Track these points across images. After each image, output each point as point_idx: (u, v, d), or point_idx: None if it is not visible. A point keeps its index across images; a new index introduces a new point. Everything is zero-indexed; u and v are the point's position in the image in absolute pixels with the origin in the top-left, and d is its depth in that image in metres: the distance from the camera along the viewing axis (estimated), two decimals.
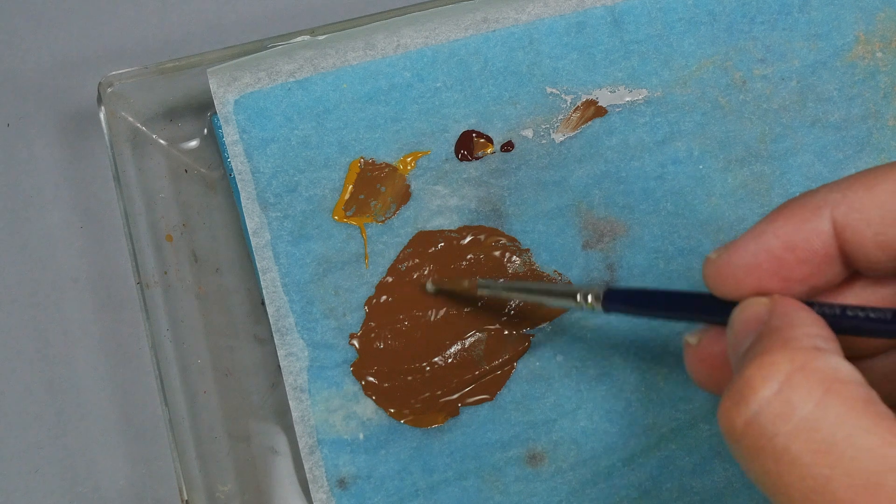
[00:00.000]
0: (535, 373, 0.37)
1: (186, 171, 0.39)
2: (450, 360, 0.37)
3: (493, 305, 0.37)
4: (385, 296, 0.37)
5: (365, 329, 0.37)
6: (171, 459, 0.37)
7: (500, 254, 0.37)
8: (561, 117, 0.38)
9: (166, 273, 0.38)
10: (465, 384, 0.37)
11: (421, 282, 0.37)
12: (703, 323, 0.26)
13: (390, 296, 0.37)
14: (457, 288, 0.36)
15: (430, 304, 0.37)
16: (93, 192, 0.41)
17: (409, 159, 0.37)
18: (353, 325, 0.37)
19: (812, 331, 0.21)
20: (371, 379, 0.36)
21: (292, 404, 0.36)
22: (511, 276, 0.37)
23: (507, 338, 0.37)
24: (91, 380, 0.40)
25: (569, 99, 0.38)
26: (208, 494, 0.36)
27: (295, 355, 0.36)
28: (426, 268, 0.37)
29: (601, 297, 0.30)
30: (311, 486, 0.36)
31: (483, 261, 0.37)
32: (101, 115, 0.37)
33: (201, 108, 0.39)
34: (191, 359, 0.37)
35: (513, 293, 0.36)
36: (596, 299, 0.30)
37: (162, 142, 0.39)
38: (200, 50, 0.40)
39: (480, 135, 0.38)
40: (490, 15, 0.38)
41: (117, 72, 0.37)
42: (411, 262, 0.37)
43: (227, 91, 0.37)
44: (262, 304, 0.37)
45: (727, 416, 0.21)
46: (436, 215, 0.37)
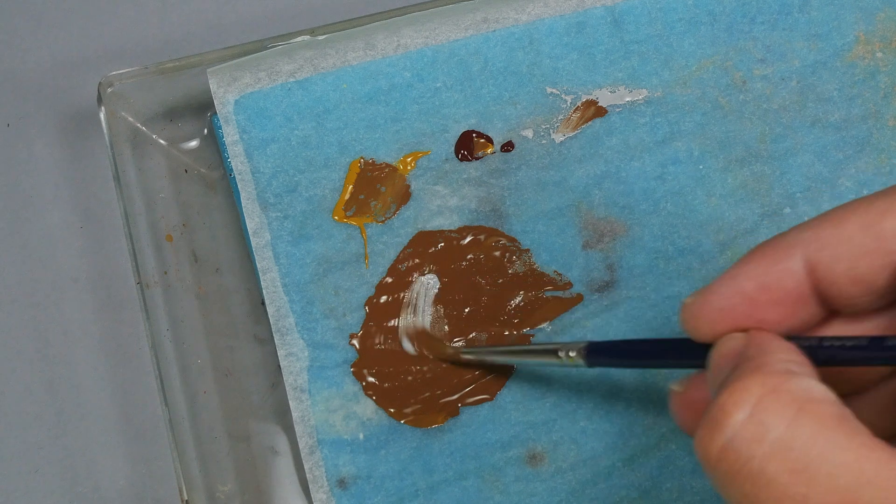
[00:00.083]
0: (535, 373, 0.37)
1: (186, 171, 0.39)
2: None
3: (492, 306, 0.37)
4: (385, 296, 0.37)
5: (365, 329, 0.37)
6: (171, 459, 0.37)
7: (500, 254, 0.37)
8: (561, 117, 0.38)
9: (166, 273, 0.38)
10: (465, 384, 0.36)
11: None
12: (685, 368, 0.27)
13: (390, 296, 0.37)
14: (440, 354, 0.36)
15: None
16: (93, 192, 0.41)
17: (409, 159, 0.37)
18: (353, 325, 0.37)
19: (785, 356, 0.21)
20: (371, 379, 0.36)
21: (292, 404, 0.36)
22: (511, 276, 0.37)
23: (507, 338, 0.37)
24: (91, 380, 0.40)
25: (569, 99, 0.38)
26: (208, 494, 0.36)
27: (295, 355, 0.36)
28: (426, 268, 0.37)
29: (584, 352, 0.30)
30: (311, 486, 0.36)
31: (483, 261, 0.37)
32: (101, 115, 0.37)
33: (201, 108, 0.39)
34: (191, 359, 0.37)
35: (496, 356, 0.36)
36: (579, 355, 0.30)
37: (162, 142, 0.39)
38: (200, 50, 0.40)
39: (480, 135, 0.38)
40: (490, 15, 0.38)
41: (117, 72, 0.37)
42: (411, 262, 0.37)
43: (227, 91, 0.37)
44: (262, 304, 0.37)
45: (703, 444, 0.20)
46: (436, 215, 0.37)
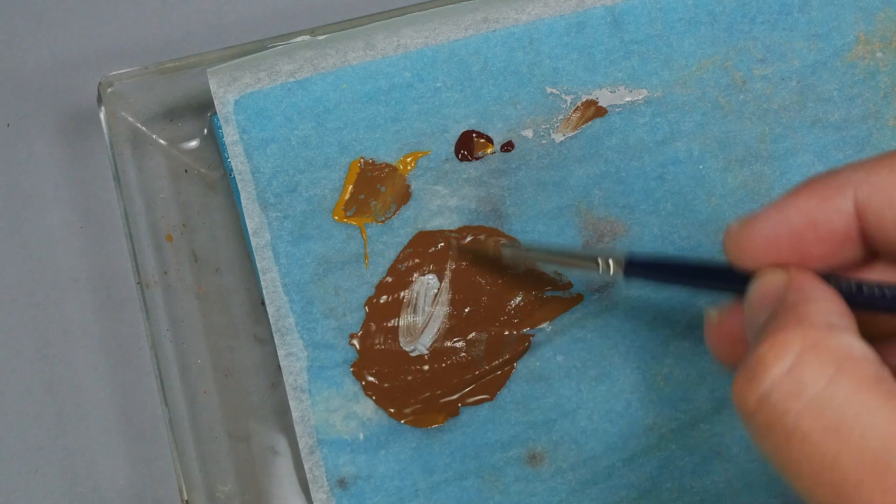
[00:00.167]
0: (535, 373, 0.37)
1: (186, 171, 0.39)
2: (450, 360, 0.37)
3: (492, 306, 0.37)
4: (385, 296, 0.37)
5: (365, 329, 0.37)
6: (171, 459, 0.37)
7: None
8: (561, 117, 0.38)
9: (166, 273, 0.38)
10: (465, 384, 0.36)
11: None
12: (720, 292, 0.27)
13: (390, 296, 0.37)
14: (481, 248, 0.37)
15: None
16: (93, 192, 0.41)
17: (409, 159, 0.37)
18: (353, 325, 0.37)
19: (826, 307, 0.21)
20: (371, 379, 0.36)
21: (292, 404, 0.36)
22: (510, 276, 0.37)
23: (507, 338, 0.37)
24: (91, 380, 0.40)
25: (569, 99, 0.38)
26: (208, 494, 0.36)
27: (295, 355, 0.36)
28: (426, 268, 0.37)
29: (623, 263, 0.31)
30: (311, 486, 0.36)
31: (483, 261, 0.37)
32: (101, 115, 0.37)
33: (201, 108, 0.39)
34: (191, 359, 0.37)
35: (534, 255, 0.36)
36: (617, 265, 0.31)
37: (162, 142, 0.39)
38: (200, 50, 0.40)
39: (480, 135, 0.38)
40: (490, 15, 0.38)
41: (117, 72, 0.37)
42: (411, 262, 0.37)
43: (227, 91, 0.37)
44: (262, 304, 0.37)
45: (740, 392, 0.21)
46: (436, 215, 0.37)
